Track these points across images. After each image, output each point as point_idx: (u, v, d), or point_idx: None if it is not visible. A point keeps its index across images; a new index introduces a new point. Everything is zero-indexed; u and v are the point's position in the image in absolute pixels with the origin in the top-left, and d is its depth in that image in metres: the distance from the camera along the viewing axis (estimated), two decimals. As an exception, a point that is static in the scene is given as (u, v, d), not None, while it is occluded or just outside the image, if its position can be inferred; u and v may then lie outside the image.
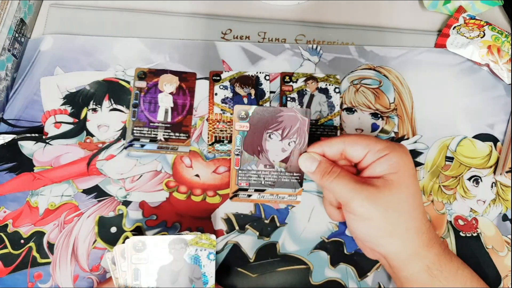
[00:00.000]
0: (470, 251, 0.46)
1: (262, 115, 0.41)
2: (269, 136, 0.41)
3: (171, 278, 0.37)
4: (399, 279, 0.39)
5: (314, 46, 0.52)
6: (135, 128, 0.48)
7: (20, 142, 0.47)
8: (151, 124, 0.48)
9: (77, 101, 0.49)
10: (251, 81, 0.50)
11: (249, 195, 0.44)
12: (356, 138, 0.38)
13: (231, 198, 0.44)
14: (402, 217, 0.36)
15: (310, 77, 0.50)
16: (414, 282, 0.37)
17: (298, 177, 0.43)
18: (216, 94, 0.49)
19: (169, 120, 0.48)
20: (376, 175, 0.37)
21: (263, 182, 0.42)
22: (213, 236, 0.38)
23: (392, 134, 0.49)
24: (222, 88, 0.49)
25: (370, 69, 0.51)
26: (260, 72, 0.50)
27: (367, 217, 0.36)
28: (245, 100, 0.49)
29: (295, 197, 0.44)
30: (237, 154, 0.42)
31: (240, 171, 0.43)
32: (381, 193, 0.35)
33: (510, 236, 0.47)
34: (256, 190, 0.43)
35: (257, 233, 0.45)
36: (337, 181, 0.36)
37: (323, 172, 0.37)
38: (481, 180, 0.48)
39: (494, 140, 0.49)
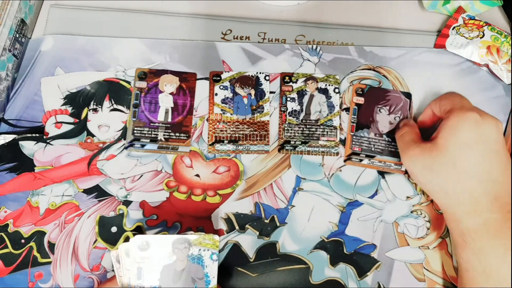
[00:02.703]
0: (470, 250, 0.46)
1: (374, 92, 0.49)
2: (379, 110, 0.49)
3: (174, 278, 0.37)
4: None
5: (314, 46, 0.52)
6: (135, 128, 0.48)
7: (20, 142, 0.47)
8: (151, 124, 0.48)
9: (78, 101, 0.49)
10: (251, 81, 0.50)
11: (361, 160, 0.47)
12: (437, 100, 0.45)
13: (345, 161, 0.48)
14: (448, 177, 0.39)
15: (310, 77, 0.50)
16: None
17: None
18: (216, 94, 0.49)
19: (169, 120, 0.48)
20: (434, 136, 0.41)
21: (373, 149, 0.47)
22: (216, 237, 0.38)
23: (392, 134, 0.50)
24: (222, 88, 0.50)
25: (369, 69, 0.51)
26: (260, 73, 0.50)
27: (410, 171, 0.44)
28: (245, 100, 0.49)
29: (400, 166, 0.47)
30: (353, 122, 0.48)
31: (354, 137, 0.48)
32: (423, 155, 0.41)
33: (509, 236, 0.47)
34: (367, 156, 0.47)
35: (257, 233, 0.46)
36: (400, 138, 0.45)
37: (399, 133, 0.45)
38: (481, 180, 0.48)
39: (493, 140, 0.49)
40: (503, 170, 0.39)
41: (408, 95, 0.50)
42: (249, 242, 0.45)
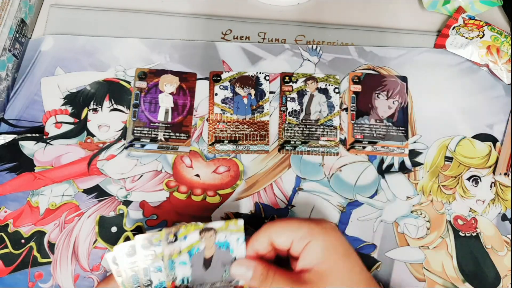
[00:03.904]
0: (470, 251, 0.46)
1: (370, 79, 0.50)
2: (377, 96, 0.49)
3: (204, 265, 0.38)
4: None
5: (314, 46, 0.52)
6: (135, 128, 0.48)
7: (20, 142, 0.47)
8: (151, 124, 0.48)
9: (78, 101, 0.49)
10: (251, 81, 0.50)
11: (364, 147, 0.48)
12: (279, 227, 0.37)
13: (348, 150, 0.48)
14: None
15: (310, 77, 0.50)
16: None
17: (404, 131, 0.48)
18: (216, 94, 0.49)
19: (169, 120, 0.48)
20: (307, 267, 0.35)
21: (374, 135, 0.48)
22: (240, 221, 0.38)
23: (392, 134, 0.50)
24: (222, 88, 0.50)
25: (369, 69, 0.51)
26: (260, 73, 0.50)
27: None
28: (245, 100, 0.49)
29: (403, 149, 0.48)
30: (353, 111, 0.49)
31: (355, 125, 0.48)
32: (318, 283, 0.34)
33: (509, 236, 0.47)
34: (369, 143, 0.48)
35: (257, 233, 0.45)
36: (274, 283, 0.35)
37: (260, 278, 0.36)
38: (481, 180, 0.48)
39: (493, 140, 0.50)
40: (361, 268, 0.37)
41: (403, 79, 0.51)
42: (249, 242, 0.45)
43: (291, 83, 0.50)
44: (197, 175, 0.47)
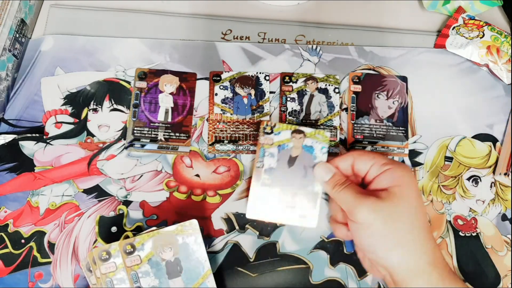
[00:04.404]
0: (470, 250, 0.46)
1: (370, 79, 0.50)
2: (377, 96, 0.49)
3: (289, 162, 0.41)
4: None
5: (314, 46, 0.52)
6: (135, 128, 0.48)
7: (20, 142, 0.47)
8: (151, 124, 0.48)
9: (78, 101, 0.49)
10: (251, 81, 0.50)
11: (364, 147, 0.48)
12: (363, 152, 0.41)
13: (348, 150, 0.48)
14: (404, 229, 0.36)
15: (310, 77, 0.50)
16: None
17: (404, 131, 0.49)
18: (216, 94, 0.49)
19: (169, 120, 0.48)
20: (381, 187, 0.38)
21: (374, 135, 0.48)
22: (327, 133, 0.42)
23: (392, 134, 0.49)
24: (222, 88, 0.50)
25: (369, 69, 0.51)
26: (260, 73, 0.50)
27: (368, 225, 0.36)
28: (245, 100, 0.49)
29: (403, 149, 0.48)
30: (353, 111, 0.49)
31: (355, 125, 0.48)
32: (383, 203, 0.36)
33: (509, 236, 0.47)
34: (369, 143, 0.48)
35: (257, 233, 0.46)
36: (345, 190, 0.38)
37: (335, 183, 0.39)
38: (480, 180, 0.48)
39: (493, 140, 0.50)
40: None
41: (404, 79, 0.51)
42: (249, 242, 0.45)
43: (291, 83, 0.50)
44: (197, 175, 0.47)
